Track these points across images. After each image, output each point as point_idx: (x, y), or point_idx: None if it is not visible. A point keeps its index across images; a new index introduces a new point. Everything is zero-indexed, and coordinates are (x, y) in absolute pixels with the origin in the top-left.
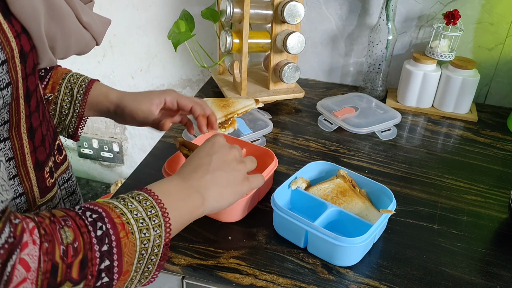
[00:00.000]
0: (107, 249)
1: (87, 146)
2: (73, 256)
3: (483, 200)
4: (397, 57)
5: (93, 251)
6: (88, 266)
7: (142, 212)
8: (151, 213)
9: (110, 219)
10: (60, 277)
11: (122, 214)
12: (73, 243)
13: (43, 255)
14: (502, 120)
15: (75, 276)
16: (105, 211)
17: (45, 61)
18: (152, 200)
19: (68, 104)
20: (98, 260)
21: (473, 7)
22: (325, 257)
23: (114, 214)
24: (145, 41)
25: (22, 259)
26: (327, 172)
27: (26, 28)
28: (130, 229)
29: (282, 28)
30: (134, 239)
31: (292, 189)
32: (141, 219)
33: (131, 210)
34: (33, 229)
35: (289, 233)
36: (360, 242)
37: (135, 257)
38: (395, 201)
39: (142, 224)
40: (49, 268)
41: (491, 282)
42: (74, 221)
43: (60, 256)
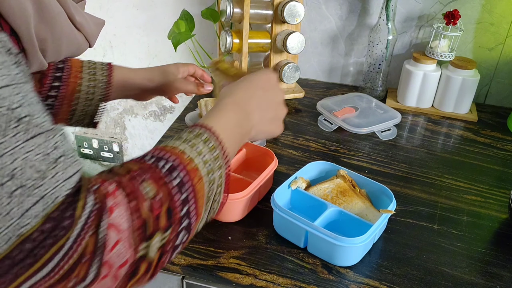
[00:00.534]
0: (185, 196)
1: (87, 146)
2: (159, 208)
3: (483, 200)
4: (397, 57)
5: (174, 201)
6: (172, 215)
7: (207, 154)
8: (214, 155)
9: (183, 166)
10: (150, 229)
11: (191, 159)
12: (156, 196)
13: (132, 214)
14: (502, 120)
15: (163, 225)
16: (177, 159)
17: (35, 65)
18: (215, 140)
19: (92, 89)
20: (179, 208)
21: (473, 7)
22: (325, 257)
23: (186, 160)
24: (145, 41)
25: (111, 224)
26: (327, 172)
27: (15, 30)
28: (200, 174)
29: (282, 28)
30: (203, 182)
31: (292, 189)
32: (208, 162)
33: (199, 154)
34: (115, 191)
35: (289, 233)
36: (360, 242)
37: (205, 198)
38: (395, 201)
39: (208, 167)
40: (140, 224)
41: (491, 282)
42: (151, 173)
43: (147, 211)
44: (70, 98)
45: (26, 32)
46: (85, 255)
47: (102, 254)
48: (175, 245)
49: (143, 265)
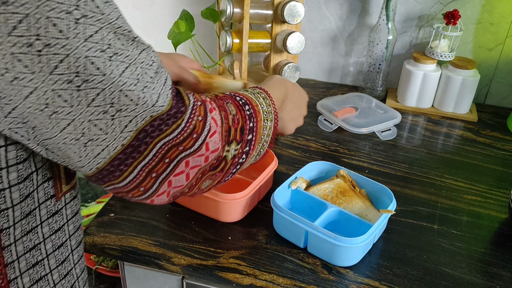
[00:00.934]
0: (252, 126)
1: None
2: (237, 124)
3: (483, 200)
4: (397, 57)
5: (246, 123)
6: (244, 134)
7: (265, 106)
8: (270, 109)
9: (252, 106)
10: (231, 136)
11: (258, 104)
12: (236, 115)
13: (223, 119)
14: (502, 120)
15: (238, 138)
16: (248, 100)
17: None
18: (269, 100)
19: None
20: (248, 131)
21: (473, 7)
22: (325, 257)
23: (253, 102)
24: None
25: (212, 117)
26: (327, 172)
27: None
28: (261, 117)
29: (282, 28)
30: (262, 123)
31: (292, 189)
32: (265, 112)
33: (260, 103)
34: (210, 101)
35: (289, 233)
36: (360, 242)
37: (260, 137)
38: (395, 201)
39: (265, 115)
40: (227, 129)
41: (491, 282)
42: (232, 100)
43: (231, 122)
44: None
45: None
46: (194, 132)
47: (205, 135)
48: (239, 163)
49: (222, 163)
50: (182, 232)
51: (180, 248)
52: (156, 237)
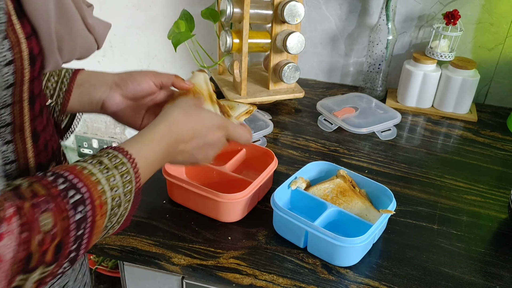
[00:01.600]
0: (81, 233)
1: (87, 146)
2: (50, 242)
3: (483, 200)
4: (397, 57)
5: (69, 236)
6: (62, 251)
7: (120, 188)
8: (127, 188)
9: (91, 200)
10: (34, 263)
11: (103, 192)
12: (51, 230)
13: (19, 245)
14: (502, 120)
15: (48, 260)
16: (88, 191)
17: (51, 63)
18: (132, 174)
19: (54, 84)
20: (71, 244)
21: (473, 7)
22: (325, 257)
23: (96, 194)
24: (145, 41)
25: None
26: (327, 172)
27: (36, 29)
28: (105, 209)
29: (282, 28)
30: (105, 217)
31: (292, 189)
32: (117, 196)
33: (111, 187)
34: (12, 217)
35: (289, 233)
36: (360, 242)
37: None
38: (395, 201)
39: (116, 202)
40: (24, 257)
41: (491, 282)
42: (56, 203)
43: (37, 245)
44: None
45: (47, 31)
46: None
47: None
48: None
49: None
50: (182, 232)
51: (180, 248)
52: (156, 237)
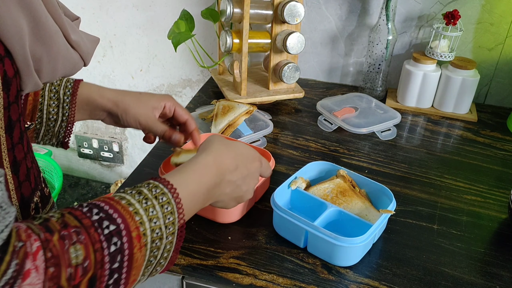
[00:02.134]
0: (118, 266)
1: (87, 146)
2: (81, 276)
3: (483, 200)
4: (397, 57)
5: (104, 269)
6: (95, 285)
7: (161, 219)
8: (169, 220)
9: (127, 232)
10: None
11: (141, 223)
12: (83, 263)
13: (48, 281)
14: (502, 120)
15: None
16: (124, 222)
17: (29, 86)
18: (174, 205)
19: (55, 109)
20: (107, 277)
21: (473, 7)
22: (325, 257)
23: (133, 225)
24: (145, 41)
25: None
26: (327, 172)
27: (9, 49)
28: (144, 241)
29: (282, 28)
30: (146, 250)
31: (292, 189)
32: (157, 228)
33: (150, 219)
34: (37, 252)
35: (289, 233)
36: (359, 242)
37: (143, 266)
38: (394, 201)
39: (157, 234)
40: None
41: (491, 282)
42: (88, 234)
43: (66, 279)
44: (32, 117)
45: (21, 52)
46: None
47: None
48: None
49: None
50: None
51: (180, 248)
52: None
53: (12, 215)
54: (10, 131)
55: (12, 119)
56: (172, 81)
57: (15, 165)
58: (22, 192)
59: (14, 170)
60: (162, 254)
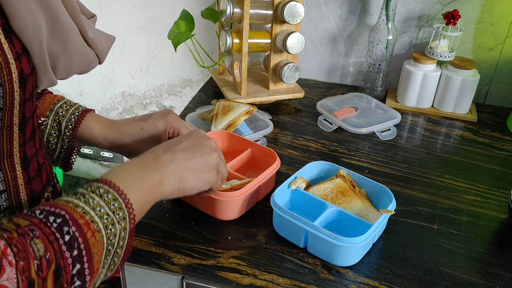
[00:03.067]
0: (77, 253)
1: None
2: (47, 268)
3: (483, 200)
4: (397, 57)
5: (65, 258)
6: (62, 275)
7: (105, 207)
8: (114, 206)
9: (74, 221)
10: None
11: (85, 213)
12: (45, 255)
13: (20, 275)
14: (502, 120)
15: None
16: (67, 213)
17: (44, 83)
18: (113, 192)
19: (55, 139)
20: (70, 266)
21: (473, 7)
22: (325, 257)
23: (77, 215)
24: (145, 41)
25: (2, 285)
26: (327, 172)
27: (26, 47)
28: (95, 227)
29: (282, 28)
30: (101, 236)
31: (291, 189)
32: (105, 214)
33: (93, 207)
34: (6, 249)
35: (289, 233)
36: (360, 242)
37: (103, 254)
38: (394, 201)
39: (107, 220)
40: (26, 286)
41: (491, 282)
42: (40, 229)
43: (36, 272)
44: None
45: (38, 49)
46: None
47: None
48: None
49: None
50: (182, 232)
51: (180, 248)
52: (156, 237)
53: None
54: (23, 128)
55: (26, 115)
56: (172, 81)
57: (25, 161)
58: (32, 188)
59: (24, 166)
60: (118, 242)
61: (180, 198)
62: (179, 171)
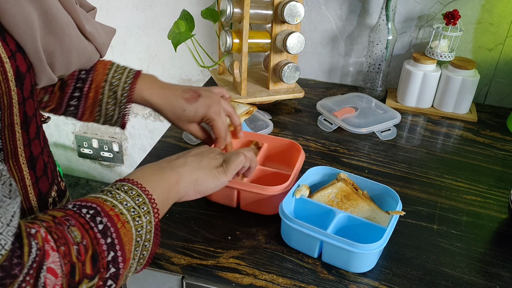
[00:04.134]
0: (110, 241)
1: (87, 146)
2: (85, 253)
3: (482, 200)
4: (397, 57)
5: (100, 245)
6: (98, 260)
7: (130, 201)
8: (139, 201)
9: (105, 212)
10: (78, 276)
11: (114, 206)
12: (82, 241)
13: (63, 259)
14: (502, 120)
15: (89, 272)
16: (98, 206)
17: (43, 80)
18: (137, 189)
19: (112, 106)
20: (106, 253)
21: (473, 7)
22: (341, 265)
23: (107, 207)
24: (145, 41)
25: (49, 267)
26: (329, 176)
27: (21, 44)
28: (124, 218)
29: (282, 28)
30: (130, 227)
31: (295, 198)
32: (131, 208)
33: (120, 201)
34: (47, 236)
35: (300, 243)
36: (377, 247)
37: (133, 245)
38: (400, 202)
39: (133, 212)
40: (69, 270)
41: (491, 282)
42: (75, 219)
43: (76, 256)
44: (92, 111)
45: (33, 46)
46: None
47: None
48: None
49: None
50: (182, 232)
51: (180, 248)
52: None
53: (18, 201)
54: (26, 127)
55: (28, 114)
56: (172, 81)
57: (31, 160)
58: (40, 188)
59: (30, 166)
60: (145, 235)
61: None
62: (192, 172)
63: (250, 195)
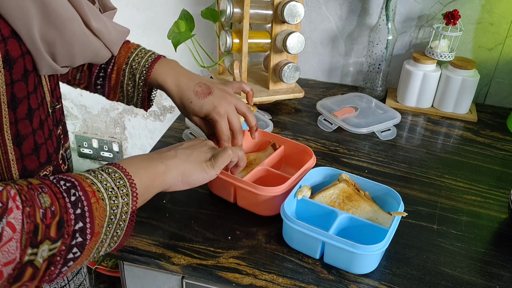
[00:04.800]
0: (80, 212)
1: (86, 146)
2: (51, 218)
3: (482, 200)
4: (397, 57)
5: (68, 213)
6: (64, 227)
7: (111, 182)
8: (120, 183)
9: (82, 187)
10: (41, 236)
11: (93, 183)
12: (51, 207)
13: (26, 218)
14: (502, 120)
15: (53, 235)
16: (77, 181)
17: (44, 68)
18: (120, 172)
19: (132, 88)
20: (73, 221)
21: (473, 7)
22: (344, 266)
23: (85, 184)
24: (145, 41)
25: (9, 222)
26: (330, 177)
27: (16, 30)
28: (100, 196)
29: (282, 28)
30: (104, 204)
31: (297, 199)
32: (110, 188)
33: (100, 180)
34: (15, 196)
35: (302, 244)
36: (380, 248)
37: (105, 221)
38: (402, 204)
39: (111, 192)
40: (32, 229)
41: (491, 282)
42: (49, 188)
43: (40, 218)
44: (115, 92)
45: (27, 34)
46: None
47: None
48: (66, 259)
49: (28, 270)
50: (182, 232)
51: (180, 248)
52: (156, 237)
53: None
54: (14, 107)
55: (16, 96)
56: None
57: (17, 138)
58: (25, 164)
59: (16, 142)
60: (121, 214)
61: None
62: (180, 164)
63: (245, 192)
